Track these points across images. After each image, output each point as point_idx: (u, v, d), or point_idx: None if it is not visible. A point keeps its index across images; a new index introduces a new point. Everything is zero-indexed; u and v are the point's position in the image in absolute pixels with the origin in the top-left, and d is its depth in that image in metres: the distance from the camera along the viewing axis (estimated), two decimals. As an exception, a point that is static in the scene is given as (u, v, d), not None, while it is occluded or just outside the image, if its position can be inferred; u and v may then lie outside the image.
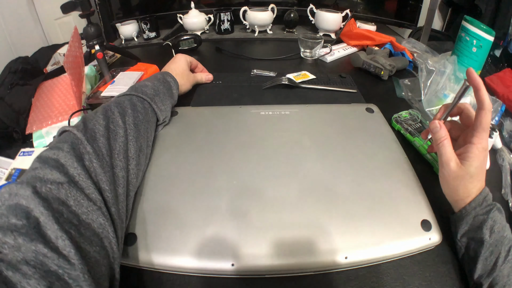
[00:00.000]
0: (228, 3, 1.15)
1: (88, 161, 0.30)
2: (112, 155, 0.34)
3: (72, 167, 0.28)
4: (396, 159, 0.44)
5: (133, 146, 0.37)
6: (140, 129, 0.40)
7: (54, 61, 0.83)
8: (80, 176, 0.28)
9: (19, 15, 1.12)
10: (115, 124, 0.37)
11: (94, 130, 0.34)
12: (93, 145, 0.32)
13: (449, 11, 1.12)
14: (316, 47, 0.83)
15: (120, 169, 0.34)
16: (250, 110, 0.54)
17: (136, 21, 1.03)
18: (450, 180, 0.37)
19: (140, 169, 0.38)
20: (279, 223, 0.35)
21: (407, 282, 0.33)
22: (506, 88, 0.65)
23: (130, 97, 0.44)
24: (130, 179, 0.35)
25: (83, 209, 0.26)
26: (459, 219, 0.36)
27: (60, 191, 0.26)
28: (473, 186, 0.36)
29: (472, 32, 0.65)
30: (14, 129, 0.54)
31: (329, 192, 0.39)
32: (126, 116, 0.40)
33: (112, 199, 0.30)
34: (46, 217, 0.23)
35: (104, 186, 0.30)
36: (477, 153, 0.35)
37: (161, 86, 0.50)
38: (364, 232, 0.35)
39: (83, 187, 0.28)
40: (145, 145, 0.41)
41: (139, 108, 0.43)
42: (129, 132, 0.38)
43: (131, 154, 0.37)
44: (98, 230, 0.27)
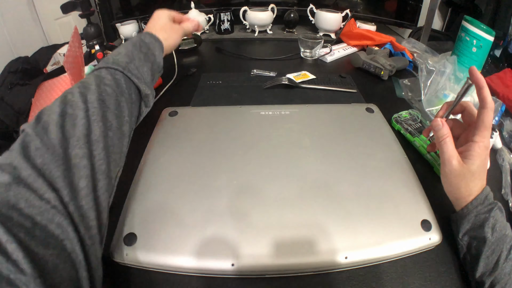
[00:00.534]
0: (228, 3, 1.15)
1: (40, 157, 0.27)
2: (67, 145, 0.29)
3: (22, 167, 0.26)
4: (396, 159, 0.44)
5: (97, 127, 0.32)
6: (108, 104, 0.35)
7: (54, 61, 0.83)
8: (30, 176, 0.26)
9: (19, 15, 1.13)
10: (74, 107, 0.32)
11: (48, 121, 0.30)
12: (43, 138, 0.29)
13: (449, 11, 1.12)
14: (316, 47, 0.83)
15: (80, 157, 0.29)
16: (250, 110, 0.54)
17: (136, 21, 1.03)
18: (452, 178, 0.36)
19: (113, 150, 0.33)
20: (279, 223, 0.35)
21: (407, 282, 0.33)
22: (506, 88, 0.65)
23: (99, 71, 0.39)
24: (98, 165, 0.31)
25: (35, 210, 0.24)
26: (460, 217, 0.36)
27: (8, 193, 0.24)
28: (475, 185, 0.36)
29: (472, 32, 0.65)
30: (14, 129, 0.54)
31: (329, 192, 0.39)
32: (89, 94, 0.34)
33: (69, 195, 0.27)
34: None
35: (57, 182, 0.27)
36: (479, 152, 0.35)
37: (136, 51, 0.44)
38: (364, 232, 0.35)
39: (35, 187, 0.25)
40: (118, 121, 0.36)
41: (107, 81, 0.38)
42: (92, 112, 0.33)
43: (95, 137, 0.32)
44: (56, 231, 0.24)
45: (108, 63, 0.40)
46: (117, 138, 0.35)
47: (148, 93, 0.43)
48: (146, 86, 0.42)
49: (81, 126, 0.31)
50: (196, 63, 0.87)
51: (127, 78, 0.40)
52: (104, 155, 0.32)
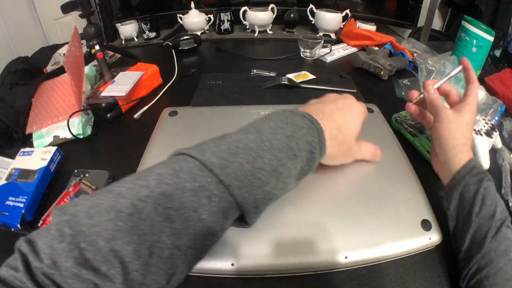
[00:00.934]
0: (228, 3, 1.15)
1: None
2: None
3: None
4: (396, 159, 0.44)
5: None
6: (185, 253, 0.24)
7: (54, 61, 0.83)
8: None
9: (19, 15, 1.13)
10: (129, 249, 0.22)
11: (85, 255, 0.21)
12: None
13: (449, 11, 1.12)
14: (316, 47, 0.83)
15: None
16: (250, 110, 0.54)
17: (136, 21, 1.03)
18: (450, 124, 0.38)
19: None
20: (279, 222, 0.35)
21: (407, 282, 0.33)
22: (506, 88, 0.65)
23: (209, 179, 0.25)
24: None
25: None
26: (449, 189, 0.37)
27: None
28: (468, 135, 0.38)
29: (472, 32, 0.65)
30: (14, 129, 0.54)
31: (329, 192, 0.39)
32: (164, 233, 0.23)
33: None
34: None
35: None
36: (471, 109, 0.39)
37: (281, 168, 0.28)
38: (364, 232, 0.35)
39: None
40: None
41: (205, 215, 0.24)
42: (143, 267, 0.22)
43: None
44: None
45: (223, 168, 0.25)
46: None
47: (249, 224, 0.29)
48: (255, 220, 0.29)
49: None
50: (196, 63, 0.87)
51: (238, 209, 0.27)
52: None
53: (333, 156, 0.35)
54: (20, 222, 0.38)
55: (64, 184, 0.44)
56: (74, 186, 0.42)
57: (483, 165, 0.47)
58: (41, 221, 0.38)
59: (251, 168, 0.26)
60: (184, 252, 0.24)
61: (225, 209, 0.26)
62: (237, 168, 0.25)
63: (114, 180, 0.46)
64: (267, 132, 0.29)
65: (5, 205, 0.39)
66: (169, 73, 0.76)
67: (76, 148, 0.54)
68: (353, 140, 0.37)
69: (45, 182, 0.44)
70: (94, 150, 0.54)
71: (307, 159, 0.30)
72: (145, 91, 0.68)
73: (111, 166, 0.48)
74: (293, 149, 0.29)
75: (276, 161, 0.27)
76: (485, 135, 0.48)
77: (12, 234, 0.39)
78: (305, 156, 0.30)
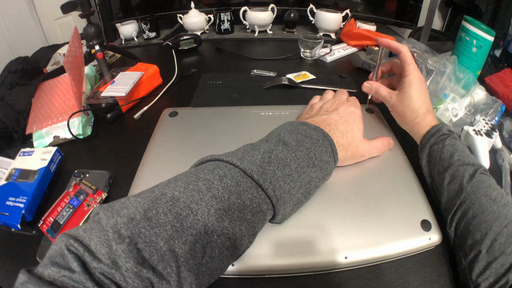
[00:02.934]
0: (228, 3, 1.15)
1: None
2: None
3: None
4: (396, 159, 0.44)
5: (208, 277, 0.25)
6: (231, 253, 0.27)
7: (54, 61, 0.83)
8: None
9: (19, 15, 1.12)
10: (186, 248, 0.24)
11: (143, 255, 0.23)
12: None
13: (449, 11, 1.12)
14: (316, 47, 0.83)
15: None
16: (250, 111, 0.54)
17: (136, 21, 1.03)
18: (398, 108, 0.45)
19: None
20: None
21: (407, 282, 0.33)
22: (506, 88, 0.65)
23: (248, 184, 0.29)
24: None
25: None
26: (420, 152, 0.43)
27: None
28: (419, 107, 0.43)
29: (472, 32, 0.65)
30: (14, 129, 0.54)
31: (329, 192, 0.39)
32: (215, 233, 0.25)
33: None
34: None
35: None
36: (411, 81, 0.43)
37: (304, 175, 0.32)
38: (364, 232, 0.35)
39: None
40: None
41: (248, 216, 0.28)
42: (196, 266, 0.24)
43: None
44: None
45: (264, 178, 0.29)
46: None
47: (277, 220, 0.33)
48: (282, 221, 0.33)
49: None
50: (196, 63, 0.88)
51: (273, 211, 0.31)
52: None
53: (341, 160, 0.39)
54: (20, 222, 0.38)
55: (64, 184, 0.44)
56: (74, 186, 0.42)
57: (483, 165, 0.47)
58: (41, 221, 0.38)
59: (281, 174, 0.30)
60: (231, 253, 0.27)
61: (264, 210, 0.29)
62: (271, 175, 0.30)
63: (114, 180, 0.46)
64: (291, 144, 0.33)
65: (5, 205, 0.39)
66: (169, 73, 0.76)
67: (76, 148, 0.54)
68: (360, 141, 0.41)
69: (45, 182, 0.44)
70: (94, 150, 0.54)
71: (323, 168, 0.35)
72: (145, 91, 0.68)
73: (111, 166, 0.48)
74: (312, 159, 0.33)
75: (299, 169, 0.32)
76: (485, 135, 0.48)
77: (12, 234, 0.39)
78: (321, 165, 0.35)
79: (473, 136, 0.47)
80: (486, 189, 0.34)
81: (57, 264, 0.21)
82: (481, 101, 0.58)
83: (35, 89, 0.63)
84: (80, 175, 0.45)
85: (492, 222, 0.32)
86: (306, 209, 0.36)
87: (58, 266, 0.21)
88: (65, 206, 0.40)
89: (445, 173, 0.37)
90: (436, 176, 0.39)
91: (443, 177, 0.37)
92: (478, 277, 0.30)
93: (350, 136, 0.39)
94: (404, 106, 0.44)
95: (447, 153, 0.39)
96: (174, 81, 0.74)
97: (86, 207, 0.40)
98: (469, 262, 0.32)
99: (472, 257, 0.32)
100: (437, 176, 0.39)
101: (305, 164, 0.33)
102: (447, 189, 0.37)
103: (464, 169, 0.36)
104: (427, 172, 0.41)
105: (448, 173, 0.37)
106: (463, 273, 0.32)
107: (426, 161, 0.41)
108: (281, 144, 0.33)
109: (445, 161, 0.38)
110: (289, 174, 0.31)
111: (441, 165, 0.38)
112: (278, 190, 0.30)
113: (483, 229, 0.32)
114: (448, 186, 0.37)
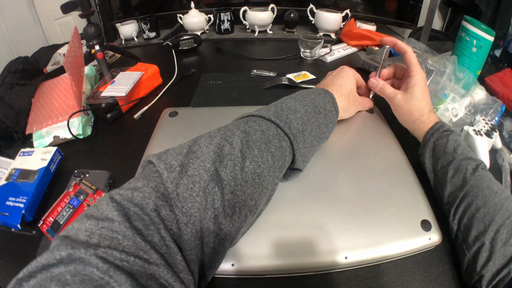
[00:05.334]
0: (228, 3, 1.15)
1: (165, 230, 0.23)
2: (202, 225, 0.25)
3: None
4: (396, 159, 0.44)
5: (244, 206, 0.28)
6: (262, 181, 0.31)
7: (54, 61, 0.83)
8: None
9: (19, 15, 1.12)
10: (227, 171, 0.28)
11: (194, 179, 0.25)
12: (175, 210, 0.24)
13: (449, 11, 1.12)
14: (316, 47, 0.83)
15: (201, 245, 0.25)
16: (250, 111, 0.54)
17: (136, 21, 1.03)
18: (403, 106, 0.45)
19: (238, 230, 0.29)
20: (279, 223, 0.35)
21: (407, 282, 0.33)
22: (506, 88, 0.65)
23: (268, 124, 0.34)
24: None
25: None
26: (422, 147, 0.43)
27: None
28: (424, 106, 0.44)
29: (472, 32, 0.65)
30: (14, 129, 0.54)
31: (329, 192, 0.39)
32: (247, 160, 0.30)
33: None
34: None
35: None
36: (417, 81, 0.44)
37: (312, 119, 0.38)
38: (364, 232, 0.35)
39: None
40: (256, 202, 0.31)
41: (272, 149, 0.32)
42: (237, 187, 0.28)
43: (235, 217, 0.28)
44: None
45: (279, 118, 0.35)
46: (250, 219, 0.32)
47: (298, 171, 0.38)
48: (299, 165, 0.37)
49: (222, 200, 0.27)
50: (196, 63, 0.88)
51: (292, 149, 0.35)
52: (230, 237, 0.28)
53: (346, 107, 0.46)
54: (20, 222, 0.38)
55: (64, 184, 0.44)
56: (74, 186, 0.42)
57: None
58: (41, 221, 0.38)
59: (293, 117, 0.36)
60: (261, 182, 0.31)
61: (284, 147, 0.34)
62: (285, 117, 0.35)
63: (114, 180, 0.46)
64: (298, 97, 0.40)
65: (5, 205, 0.39)
66: (169, 73, 0.76)
67: (76, 149, 0.54)
68: (355, 93, 0.49)
69: (45, 182, 0.44)
70: (94, 150, 0.54)
71: (327, 116, 0.40)
72: (145, 91, 0.68)
73: (111, 166, 0.48)
74: (317, 107, 0.39)
75: (308, 114, 0.38)
76: (485, 135, 0.48)
77: (12, 234, 0.39)
78: (326, 113, 0.40)
79: (473, 136, 0.47)
80: (489, 183, 0.35)
81: (93, 216, 0.21)
82: (481, 101, 0.58)
83: (35, 89, 0.63)
84: (80, 175, 0.45)
85: (495, 214, 0.32)
86: (306, 209, 0.37)
87: (95, 219, 0.21)
88: (65, 206, 0.40)
89: (449, 167, 0.38)
90: (439, 171, 0.40)
91: (447, 171, 0.38)
92: (482, 268, 0.31)
93: (347, 86, 0.46)
94: (410, 105, 0.45)
95: (451, 147, 0.40)
96: (174, 81, 0.74)
97: (86, 207, 0.40)
98: (473, 254, 0.32)
99: (476, 248, 0.32)
100: (440, 170, 0.39)
101: (312, 110, 0.38)
102: (451, 182, 0.38)
103: (467, 163, 0.37)
104: (430, 167, 0.42)
105: (451, 167, 0.38)
106: (467, 265, 0.33)
107: (429, 156, 0.42)
108: (289, 98, 0.39)
109: (449, 155, 0.39)
110: (300, 117, 0.36)
111: (445, 159, 0.39)
112: (293, 129, 0.35)
113: (486, 221, 0.32)
114: (452, 179, 0.38)
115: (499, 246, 0.31)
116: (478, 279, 0.31)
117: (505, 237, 0.31)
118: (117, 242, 0.20)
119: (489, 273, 0.30)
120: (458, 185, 0.37)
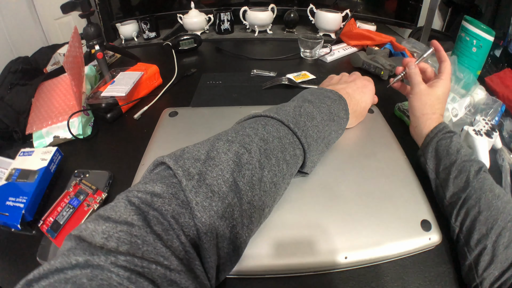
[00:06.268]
0: (228, 3, 1.15)
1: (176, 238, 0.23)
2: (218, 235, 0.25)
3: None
4: (396, 159, 0.44)
5: (260, 216, 0.29)
6: (277, 189, 0.32)
7: (54, 61, 0.83)
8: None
9: (19, 15, 1.13)
10: (245, 181, 0.28)
11: (213, 189, 0.25)
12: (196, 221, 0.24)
13: (449, 11, 1.12)
14: (316, 47, 0.83)
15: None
16: (250, 111, 0.54)
17: (136, 21, 1.03)
18: (422, 96, 0.45)
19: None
20: (279, 223, 0.35)
21: (407, 282, 0.33)
22: (506, 88, 0.65)
23: (286, 131, 0.34)
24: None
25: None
26: (425, 146, 0.43)
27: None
28: (438, 107, 0.45)
29: (472, 32, 0.65)
30: (14, 129, 0.54)
31: (329, 192, 0.39)
32: (265, 169, 0.30)
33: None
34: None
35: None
36: (444, 84, 0.45)
37: (326, 127, 0.39)
38: (364, 232, 0.35)
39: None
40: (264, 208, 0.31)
41: (288, 157, 0.33)
42: (255, 197, 0.28)
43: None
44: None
45: (298, 126, 0.35)
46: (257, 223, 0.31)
47: (304, 174, 0.39)
48: (311, 170, 0.39)
49: (241, 211, 0.28)
50: (196, 63, 0.88)
51: (304, 156, 0.36)
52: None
53: (351, 123, 0.47)
54: (20, 222, 0.38)
55: (64, 184, 0.44)
56: (74, 186, 0.42)
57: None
58: (41, 221, 0.38)
59: (310, 125, 0.36)
60: (276, 191, 0.31)
61: (298, 155, 0.35)
62: (303, 125, 0.35)
63: (114, 180, 0.46)
64: (315, 102, 0.40)
65: (5, 205, 0.39)
66: (169, 73, 0.76)
67: (76, 148, 0.54)
68: (367, 109, 0.50)
69: (45, 182, 0.44)
70: (94, 150, 0.54)
71: (339, 123, 0.41)
72: (145, 91, 0.68)
73: (111, 166, 0.48)
74: (332, 114, 0.40)
75: (323, 121, 0.38)
76: (485, 135, 0.48)
77: (12, 234, 0.39)
78: (338, 120, 0.41)
79: (473, 136, 0.47)
80: (491, 186, 0.35)
81: (111, 219, 0.21)
82: (481, 101, 0.58)
83: (35, 89, 0.63)
84: (80, 175, 0.45)
85: (497, 217, 0.32)
86: (306, 209, 0.37)
87: (113, 221, 0.21)
88: (65, 206, 0.40)
89: (452, 167, 0.38)
90: (441, 171, 0.40)
91: (449, 171, 0.38)
92: (484, 271, 0.31)
93: (363, 104, 0.47)
94: (428, 99, 0.45)
95: (454, 148, 0.40)
96: (174, 81, 0.74)
97: (86, 207, 0.40)
98: (475, 257, 0.32)
99: (478, 252, 0.32)
100: (443, 170, 0.39)
101: (327, 118, 0.39)
102: (454, 183, 0.37)
103: (470, 165, 0.37)
104: (431, 167, 0.41)
105: (455, 167, 0.38)
106: (468, 268, 0.32)
107: (431, 156, 0.42)
108: (307, 101, 0.39)
109: (452, 155, 0.39)
110: (316, 125, 0.37)
111: (448, 159, 0.39)
112: (309, 138, 0.35)
113: (489, 224, 0.32)
114: (455, 180, 0.37)
115: (501, 249, 0.31)
116: (480, 282, 0.31)
117: (507, 241, 0.31)
118: (136, 247, 0.20)
119: (491, 277, 0.30)
120: (460, 187, 0.37)
